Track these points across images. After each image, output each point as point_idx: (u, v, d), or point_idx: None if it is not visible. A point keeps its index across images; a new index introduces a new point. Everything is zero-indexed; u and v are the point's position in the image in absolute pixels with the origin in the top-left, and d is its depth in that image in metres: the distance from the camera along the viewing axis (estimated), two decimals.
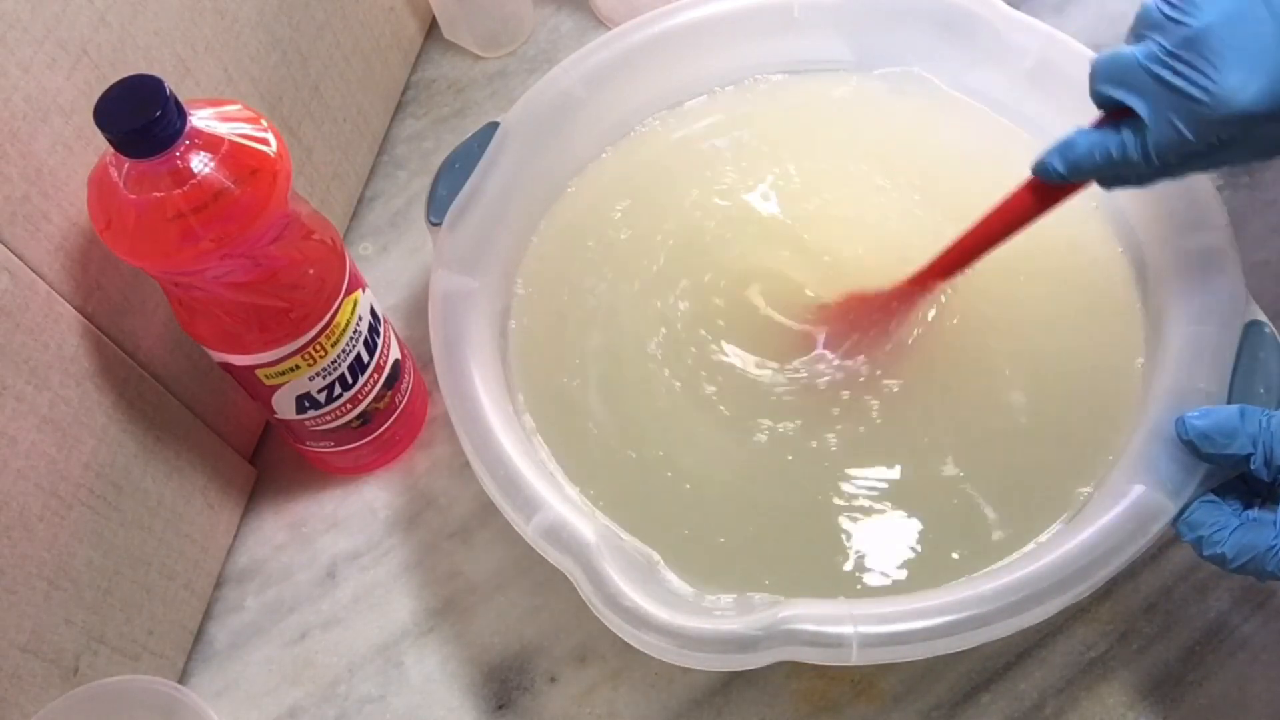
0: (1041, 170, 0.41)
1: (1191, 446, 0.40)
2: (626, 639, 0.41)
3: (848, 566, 0.45)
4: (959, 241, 0.46)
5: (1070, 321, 0.50)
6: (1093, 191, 0.52)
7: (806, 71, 0.58)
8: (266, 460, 0.56)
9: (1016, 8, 0.54)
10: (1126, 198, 0.51)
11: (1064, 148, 0.40)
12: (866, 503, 0.47)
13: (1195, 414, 0.40)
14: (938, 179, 0.55)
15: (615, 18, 0.57)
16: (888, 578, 0.45)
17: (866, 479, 0.47)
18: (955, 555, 0.45)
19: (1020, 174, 0.45)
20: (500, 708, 0.49)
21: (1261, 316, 0.44)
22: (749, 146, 0.57)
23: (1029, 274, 0.51)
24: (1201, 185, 0.48)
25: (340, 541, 0.54)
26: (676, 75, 0.57)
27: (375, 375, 0.50)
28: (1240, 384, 0.43)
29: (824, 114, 0.58)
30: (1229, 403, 0.43)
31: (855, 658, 0.39)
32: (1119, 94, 0.38)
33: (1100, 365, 0.49)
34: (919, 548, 0.45)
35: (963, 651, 0.47)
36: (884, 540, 0.46)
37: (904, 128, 0.57)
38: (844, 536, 0.46)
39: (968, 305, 0.51)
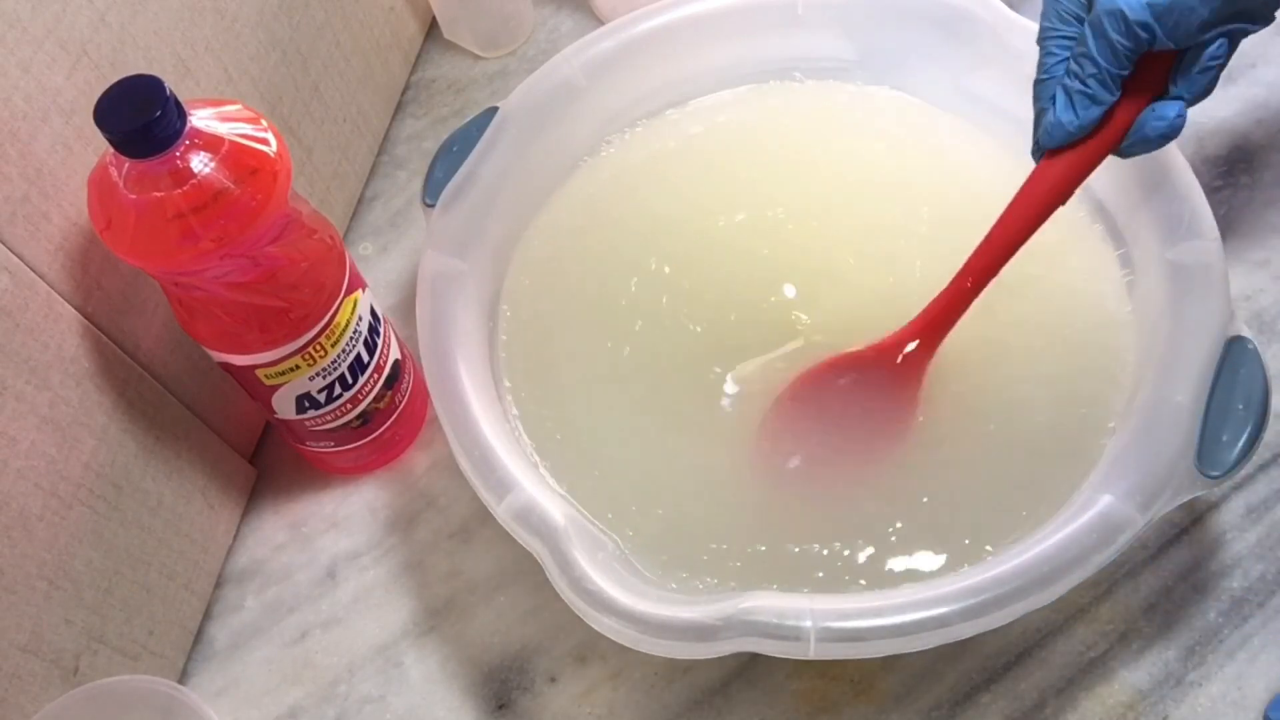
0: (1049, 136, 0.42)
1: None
2: (589, 623, 0.41)
3: (816, 564, 0.45)
4: (979, 254, 0.45)
5: (1052, 326, 0.50)
6: (1087, 197, 0.53)
7: (810, 75, 0.58)
8: (266, 460, 0.56)
9: (1016, 10, 0.54)
10: (1118, 205, 0.51)
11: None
12: (838, 504, 0.47)
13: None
14: (937, 191, 0.54)
15: (614, 18, 0.57)
16: (853, 576, 0.45)
17: (836, 476, 0.47)
18: (922, 556, 0.45)
19: (1015, 183, 0.45)
20: (500, 708, 0.49)
21: (1245, 332, 0.44)
22: (751, 147, 0.57)
23: (1012, 276, 0.51)
24: (1193, 194, 0.48)
25: (340, 541, 0.54)
26: (678, 69, 0.57)
27: (375, 375, 0.50)
28: (1219, 399, 0.43)
29: (827, 120, 0.58)
30: (1206, 420, 0.42)
31: (813, 652, 0.39)
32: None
33: (1080, 372, 0.48)
34: (886, 548, 0.45)
35: (963, 651, 0.47)
36: (852, 540, 0.46)
37: (906, 138, 0.57)
38: (813, 535, 0.46)
39: None
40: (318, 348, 0.46)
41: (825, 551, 0.46)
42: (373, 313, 0.49)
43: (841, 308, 0.51)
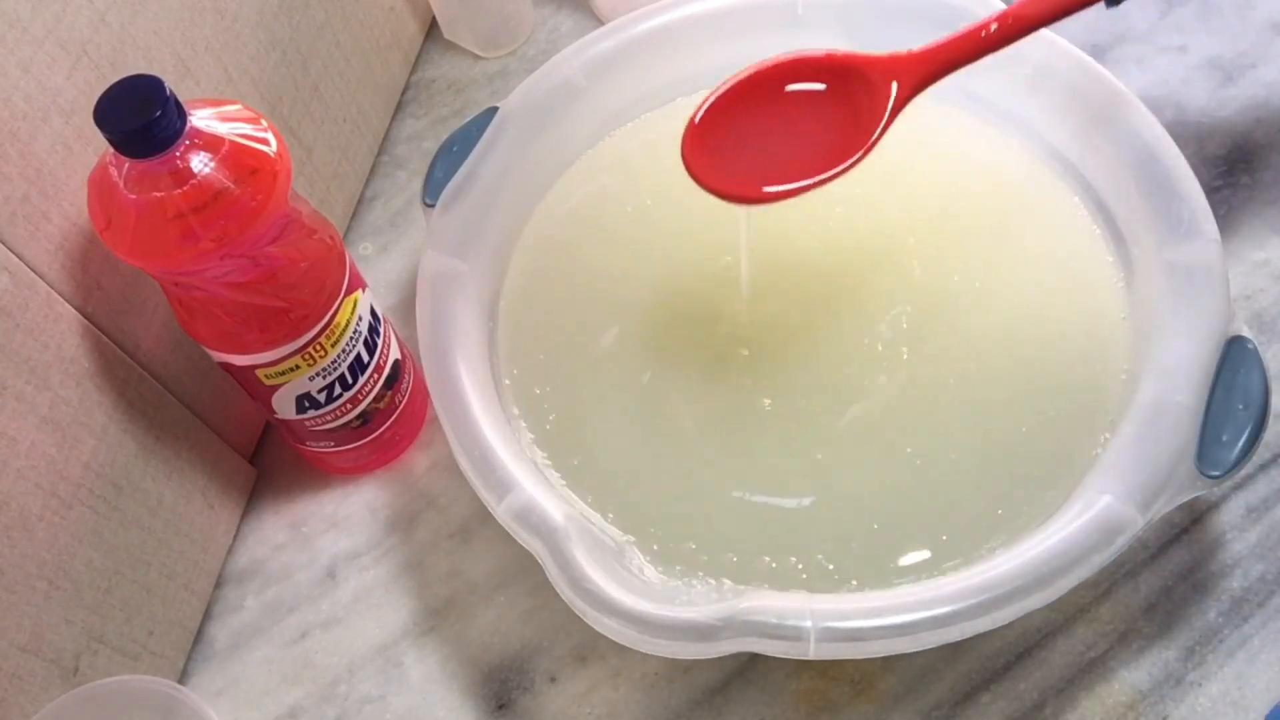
0: None
1: None
2: (589, 623, 0.41)
3: (813, 560, 0.45)
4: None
5: (1053, 326, 0.50)
6: (1088, 197, 0.53)
7: None
8: (266, 460, 0.56)
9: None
10: (1118, 205, 0.51)
11: None
12: (833, 498, 0.47)
13: None
14: (937, 190, 0.54)
15: (614, 18, 0.57)
16: (849, 572, 0.45)
17: (835, 475, 0.47)
18: (919, 555, 0.45)
19: (1015, 183, 0.45)
20: (500, 708, 0.49)
21: (1245, 332, 0.44)
22: None
23: (1012, 275, 0.51)
24: (1193, 194, 0.48)
25: (340, 541, 0.54)
26: (678, 69, 0.57)
27: (375, 375, 0.50)
28: (1219, 399, 0.43)
29: None
30: (1206, 420, 0.42)
31: (813, 652, 0.40)
32: None
33: (1080, 372, 0.48)
34: (884, 544, 0.45)
35: (963, 651, 0.47)
36: (849, 535, 0.46)
37: (906, 138, 0.56)
38: (812, 530, 0.46)
39: (947, 303, 0.51)
40: (318, 348, 0.46)
41: (819, 554, 0.46)
42: (373, 313, 0.49)
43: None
